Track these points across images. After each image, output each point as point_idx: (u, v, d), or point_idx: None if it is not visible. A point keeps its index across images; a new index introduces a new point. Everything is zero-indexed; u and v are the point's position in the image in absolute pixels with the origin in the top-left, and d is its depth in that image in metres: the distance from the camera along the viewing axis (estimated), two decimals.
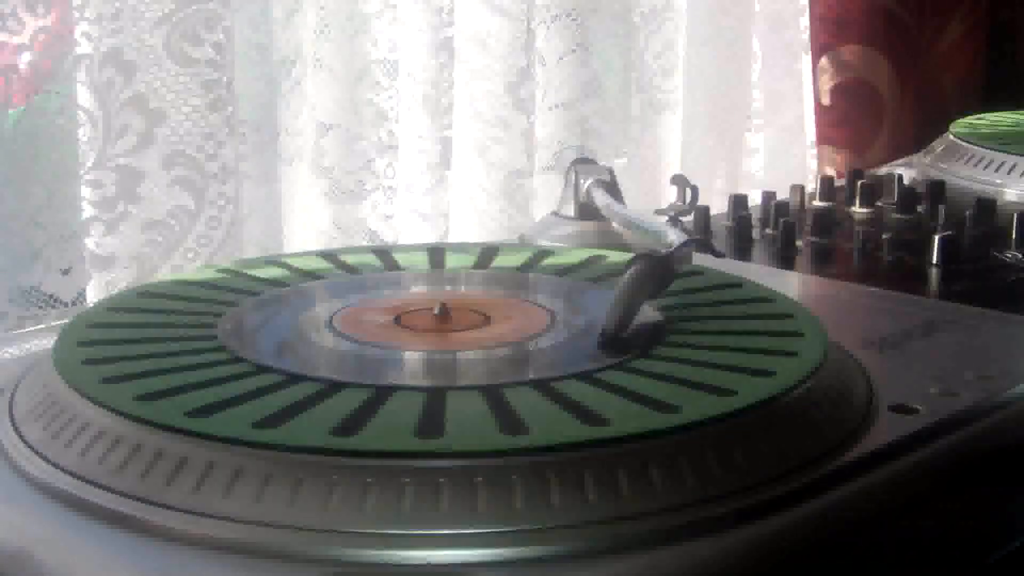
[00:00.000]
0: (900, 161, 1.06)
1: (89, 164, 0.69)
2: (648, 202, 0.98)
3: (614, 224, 0.70)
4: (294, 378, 0.46)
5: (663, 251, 0.56)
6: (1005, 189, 0.91)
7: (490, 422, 0.42)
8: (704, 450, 0.42)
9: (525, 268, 0.63)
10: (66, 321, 0.55)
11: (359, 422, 0.42)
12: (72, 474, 0.42)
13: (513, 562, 0.37)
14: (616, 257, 0.63)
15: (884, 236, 0.76)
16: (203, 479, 0.40)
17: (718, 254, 0.66)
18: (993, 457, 0.50)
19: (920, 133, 1.16)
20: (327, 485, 0.39)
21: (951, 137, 1.02)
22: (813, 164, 1.16)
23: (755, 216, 0.82)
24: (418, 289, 0.61)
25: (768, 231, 0.81)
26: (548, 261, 0.64)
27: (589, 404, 0.44)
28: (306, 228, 0.84)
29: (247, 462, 0.40)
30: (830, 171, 1.12)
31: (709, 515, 0.40)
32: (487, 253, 0.65)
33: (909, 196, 0.87)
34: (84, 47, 0.68)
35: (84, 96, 0.69)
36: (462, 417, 0.43)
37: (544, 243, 0.70)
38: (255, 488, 0.39)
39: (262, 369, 0.47)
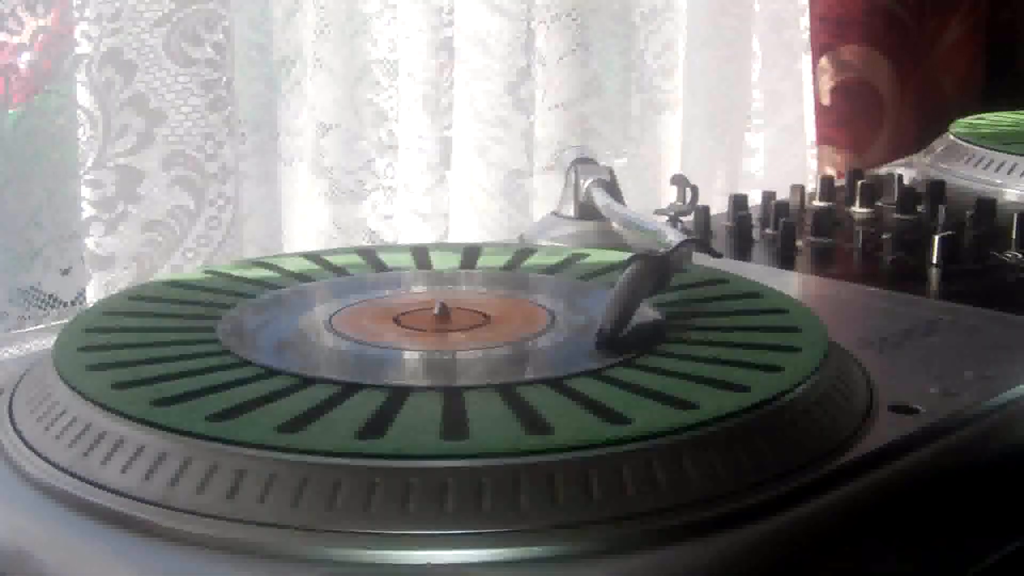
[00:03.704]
0: (900, 161, 1.06)
1: (89, 164, 0.69)
2: (648, 202, 0.97)
3: (614, 224, 0.69)
4: (306, 381, 0.46)
5: (661, 250, 0.56)
6: (1005, 189, 0.91)
7: (513, 422, 0.42)
8: (703, 450, 0.42)
9: (508, 268, 0.63)
10: (66, 321, 0.55)
11: (383, 424, 0.42)
12: (72, 474, 0.42)
13: (514, 562, 0.38)
14: (600, 256, 0.63)
15: (884, 236, 0.76)
16: (226, 485, 0.40)
17: (716, 254, 0.65)
18: (993, 457, 0.50)
19: (920, 133, 1.15)
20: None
21: (951, 137, 1.02)
22: (813, 164, 1.16)
23: (755, 216, 0.82)
24: (418, 289, 0.61)
25: (768, 231, 0.81)
26: (531, 261, 0.64)
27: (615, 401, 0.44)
28: (306, 228, 0.84)
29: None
30: (830, 171, 1.12)
31: (709, 515, 0.40)
32: (470, 253, 0.65)
33: (909, 196, 0.86)
34: (84, 47, 0.68)
35: (84, 96, 0.68)
36: (482, 417, 0.43)
37: (544, 243, 0.70)
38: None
39: (272, 373, 0.47)
